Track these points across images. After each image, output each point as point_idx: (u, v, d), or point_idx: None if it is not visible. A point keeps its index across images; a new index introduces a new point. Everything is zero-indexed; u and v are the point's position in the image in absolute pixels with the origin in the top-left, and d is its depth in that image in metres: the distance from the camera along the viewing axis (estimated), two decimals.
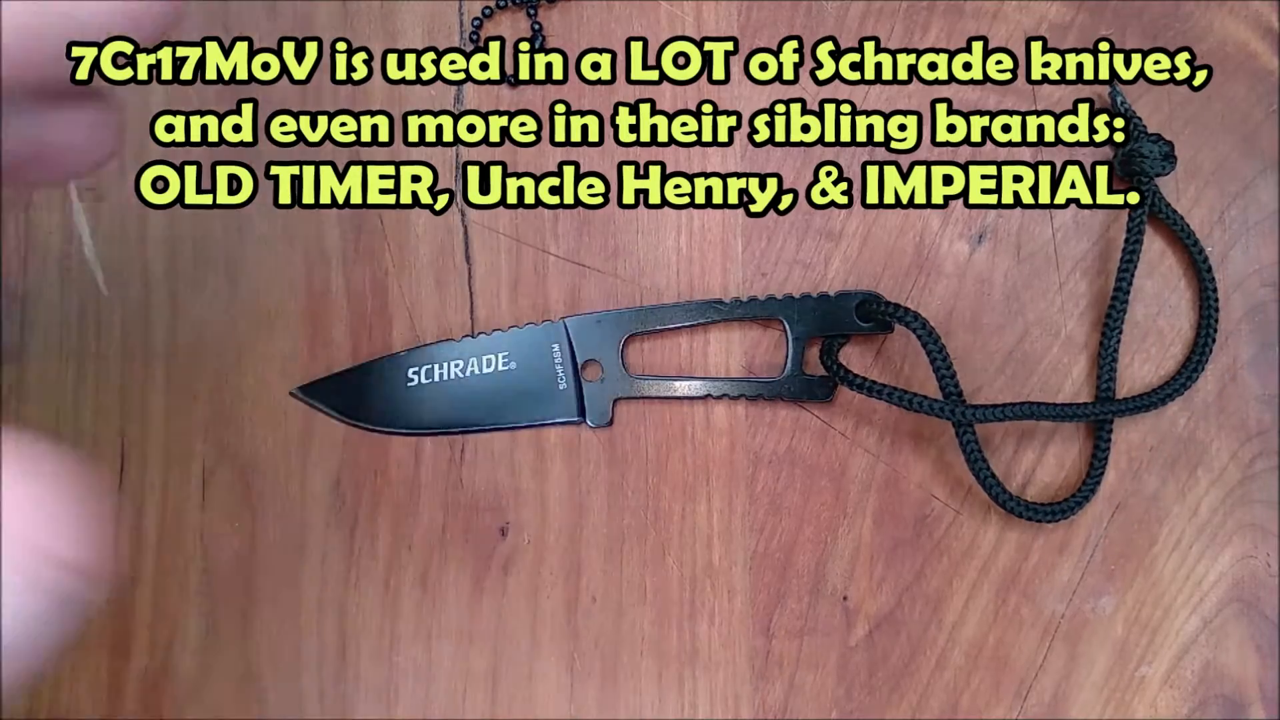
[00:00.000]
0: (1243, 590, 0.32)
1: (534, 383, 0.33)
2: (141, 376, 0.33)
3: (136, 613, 0.32)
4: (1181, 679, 0.32)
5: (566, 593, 0.32)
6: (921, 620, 0.32)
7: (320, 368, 0.33)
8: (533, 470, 0.33)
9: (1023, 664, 0.32)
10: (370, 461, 0.33)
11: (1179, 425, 0.33)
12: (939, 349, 0.31)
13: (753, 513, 0.33)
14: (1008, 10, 0.35)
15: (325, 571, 0.32)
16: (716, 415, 0.33)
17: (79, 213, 0.33)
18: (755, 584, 0.32)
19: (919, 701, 0.32)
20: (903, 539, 0.33)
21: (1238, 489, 0.33)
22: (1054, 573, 0.33)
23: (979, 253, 0.34)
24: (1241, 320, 0.34)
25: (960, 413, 0.31)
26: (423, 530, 0.32)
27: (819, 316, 0.33)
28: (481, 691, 0.32)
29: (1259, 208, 0.34)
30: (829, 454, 0.33)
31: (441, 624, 0.32)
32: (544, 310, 0.33)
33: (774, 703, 0.32)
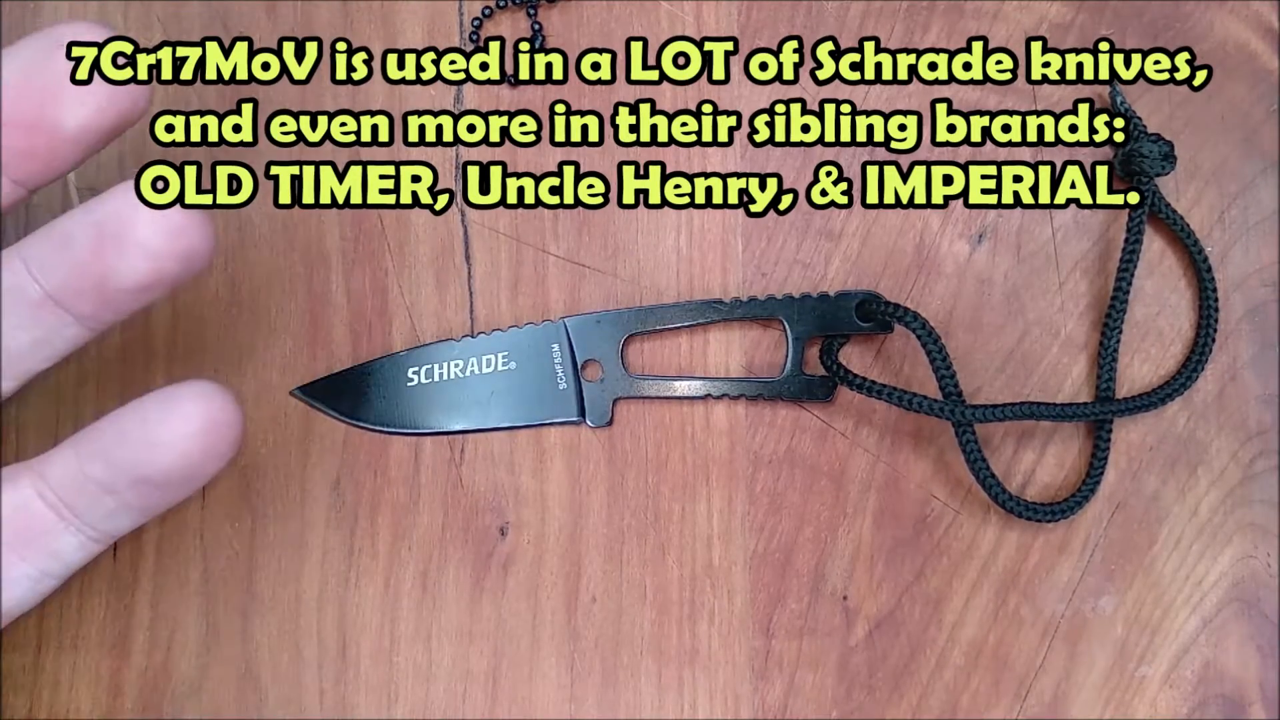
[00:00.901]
0: (1243, 590, 0.32)
1: (534, 383, 0.33)
2: (141, 376, 0.33)
3: (136, 613, 0.32)
4: (1181, 679, 0.32)
5: (566, 593, 0.32)
6: (921, 620, 0.32)
7: (320, 368, 0.33)
8: (533, 470, 0.33)
9: (1023, 664, 0.32)
10: (370, 461, 0.33)
11: (1179, 425, 0.33)
12: (939, 349, 0.31)
13: (753, 513, 0.33)
14: (1008, 10, 0.35)
15: (325, 571, 0.32)
16: (716, 415, 0.33)
17: None
18: (755, 584, 0.32)
19: (919, 701, 0.32)
20: (903, 539, 0.33)
21: (1238, 489, 0.33)
22: (1054, 573, 0.33)
23: (979, 253, 0.34)
24: (1241, 320, 0.34)
25: (960, 413, 0.31)
26: (422, 530, 0.32)
27: (819, 316, 0.33)
28: (481, 691, 0.32)
29: (1259, 208, 0.34)
30: (829, 454, 0.33)
31: (441, 624, 0.32)
32: (544, 310, 0.34)
33: (774, 703, 0.32)
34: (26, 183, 0.24)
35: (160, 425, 0.23)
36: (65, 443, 0.24)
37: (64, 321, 0.24)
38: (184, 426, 0.23)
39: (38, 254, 0.23)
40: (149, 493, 0.24)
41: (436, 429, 0.33)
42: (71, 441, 0.24)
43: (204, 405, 0.23)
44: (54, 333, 0.24)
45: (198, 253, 0.23)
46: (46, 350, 0.24)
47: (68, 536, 0.24)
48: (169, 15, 0.34)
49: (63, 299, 0.23)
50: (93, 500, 0.24)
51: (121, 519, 0.24)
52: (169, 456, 0.23)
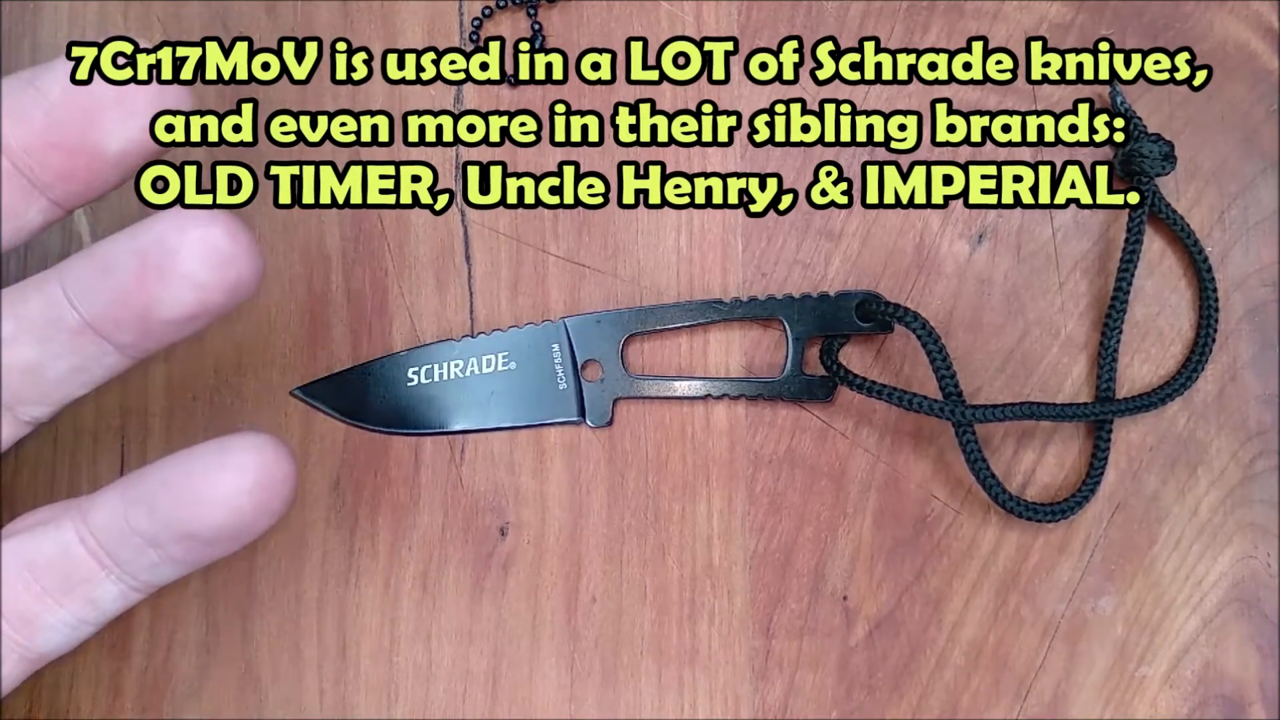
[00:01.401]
0: (1243, 590, 0.32)
1: (534, 383, 0.33)
2: (141, 376, 0.33)
3: (136, 613, 0.32)
4: (1181, 679, 0.32)
5: (566, 593, 0.32)
6: (921, 620, 0.32)
7: (320, 368, 0.33)
8: (533, 470, 0.33)
9: (1023, 664, 0.32)
10: (370, 461, 0.33)
11: (1179, 425, 0.33)
12: (939, 349, 0.31)
13: (753, 513, 0.33)
14: (1008, 10, 0.35)
15: (325, 571, 0.32)
16: (716, 415, 0.33)
17: (79, 213, 0.33)
18: (755, 584, 0.32)
19: (919, 701, 0.32)
20: (903, 539, 0.33)
21: (1238, 489, 0.33)
22: (1054, 573, 0.33)
23: (979, 253, 0.34)
24: (1241, 320, 0.34)
25: (960, 413, 0.31)
26: (423, 530, 0.32)
27: (819, 316, 0.33)
28: (481, 691, 0.32)
29: (1259, 208, 0.34)
30: (829, 454, 0.33)
31: (441, 624, 0.32)
32: (544, 310, 0.34)
33: (774, 703, 0.32)
34: (65, 204, 0.23)
35: (209, 481, 0.21)
36: (113, 486, 0.23)
37: (103, 350, 0.23)
38: (234, 483, 0.21)
39: (77, 279, 0.22)
40: (196, 548, 0.22)
41: (436, 429, 0.33)
42: (120, 485, 0.23)
43: (256, 459, 0.22)
44: (93, 360, 0.23)
45: (245, 283, 0.22)
46: (84, 377, 0.23)
47: (108, 585, 0.23)
48: (169, 15, 0.34)
49: (102, 328, 0.22)
50: (136, 552, 0.22)
51: (165, 570, 0.23)
52: (218, 514, 0.21)
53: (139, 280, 0.21)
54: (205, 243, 0.21)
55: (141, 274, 0.21)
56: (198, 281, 0.21)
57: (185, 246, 0.21)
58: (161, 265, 0.21)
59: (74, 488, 0.32)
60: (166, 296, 0.21)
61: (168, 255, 0.21)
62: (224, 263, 0.21)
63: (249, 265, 0.22)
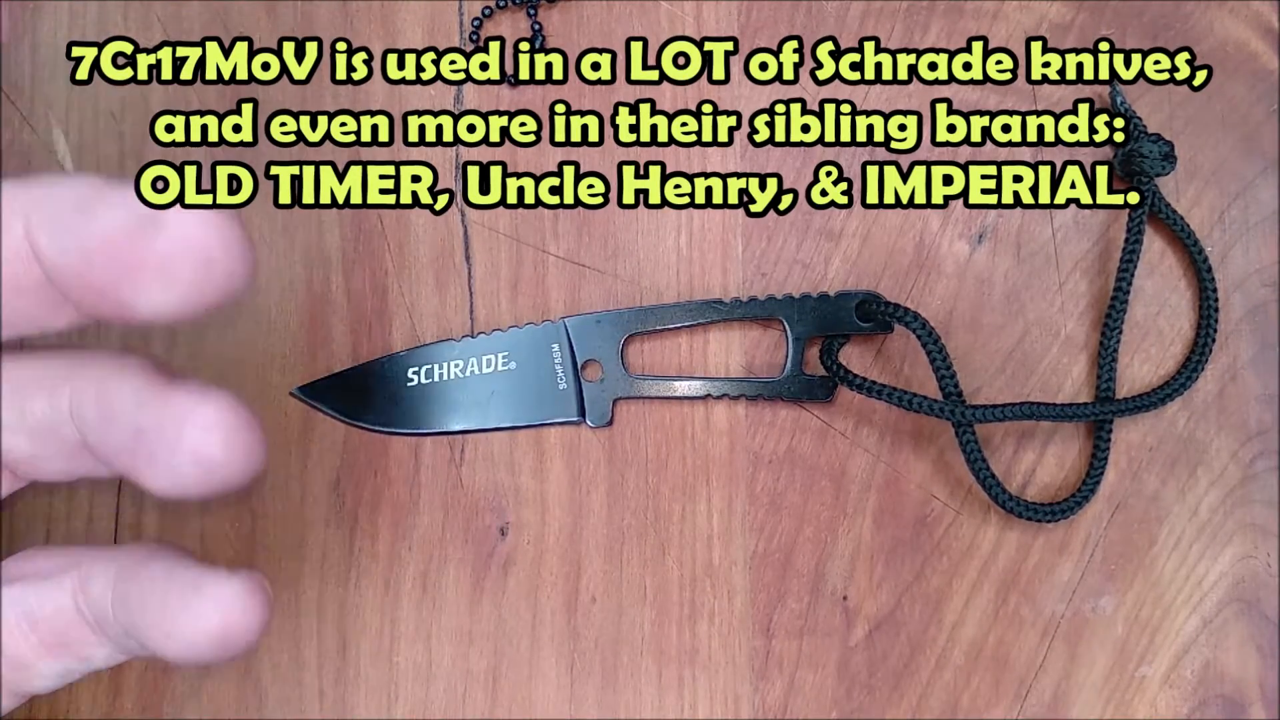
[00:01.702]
0: (1243, 590, 0.32)
1: (534, 383, 0.33)
2: None
3: None
4: (1181, 679, 0.32)
5: (566, 593, 0.32)
6: (921, 620, 0.32)
7: (320, 368, 0.33)
8: (533, 470, 0.33)
9: (1023, 664, 0.32)
10: (370, 461, 0.33)
11: (1179, 425, 0.33)
12: (939, 349, 0.31)
13: (753, 513, 0.33)
14: (1008, 10, 0.35)
15: (325, 571, 0.32)
16: (716, 415, 0.33)
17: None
18: (755, 584, 0.32)
19: (919, 701, 0.32)
20: (903, 539, 0.33)
21: (1238, 489, 0.33)
22: (1054, 573, 0.33)
23: (979, 253, 0.34)
24: (1241, 320, 0.34)
25: (960, 413, 0.31)
26: (422, 530, 0.32)
27: (819, 316, 0.33)
28: (481, 691, 0.32)
29: (1259, 208, 0.34)
30: (829, 454, 0.33)
31: (441, 624, 0.32)
32: (544, 310, 0.34)
33: (774, 703, 0.32)
34: (93, 316, 0.22)
35: (178, 618, 0.21)
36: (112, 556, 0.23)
37: (100, 467, 0.23)
38: (200, 624, 0.21)
39: (79, 404, 0.22)
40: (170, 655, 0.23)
41: (436, 429, 0.33)
42: (114, 564, 0.23)
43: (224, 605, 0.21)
44: (93, 469, 0.23)
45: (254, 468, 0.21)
46: (82, 474, 0.24)
47: (100, 650, 0.23)
48: (169, 15, 0.34)
49: (100, 458, 0.22)
50: (126, 636, 0.23)
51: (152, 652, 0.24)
52: (184, 651, 0.21)
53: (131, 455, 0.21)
54: (208, 437, 0.21)
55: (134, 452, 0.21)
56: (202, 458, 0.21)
57: (185, 441, 0.21)
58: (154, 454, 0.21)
59: (73, 491, 0.32)
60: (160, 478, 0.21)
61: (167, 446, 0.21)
62: (219, 464, 0.21)
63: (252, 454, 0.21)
